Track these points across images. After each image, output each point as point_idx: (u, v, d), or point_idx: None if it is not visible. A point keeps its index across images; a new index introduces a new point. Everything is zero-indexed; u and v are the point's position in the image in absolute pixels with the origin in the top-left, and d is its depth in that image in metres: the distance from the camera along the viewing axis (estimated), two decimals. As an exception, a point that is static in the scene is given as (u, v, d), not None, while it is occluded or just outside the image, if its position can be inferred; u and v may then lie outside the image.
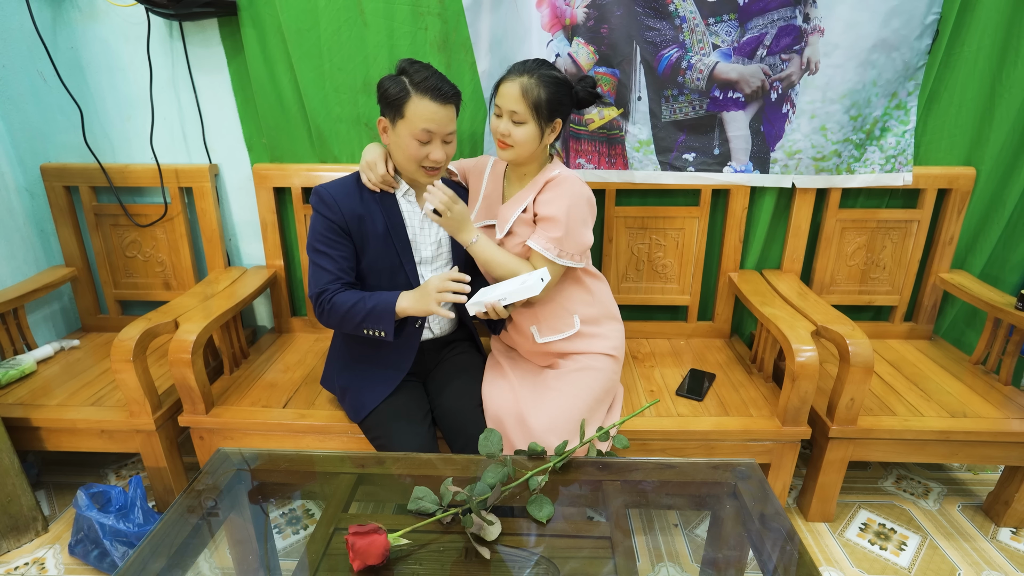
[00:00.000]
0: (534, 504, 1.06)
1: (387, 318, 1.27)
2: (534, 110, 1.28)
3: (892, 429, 1.49)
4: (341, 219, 1.33)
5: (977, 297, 1.70)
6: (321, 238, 1.34)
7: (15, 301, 1.74)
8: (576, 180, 1.36)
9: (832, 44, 1.58)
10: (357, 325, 1.30)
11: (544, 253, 1.31)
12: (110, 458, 1.91)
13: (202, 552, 1.04)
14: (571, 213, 1.31)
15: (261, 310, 2.11)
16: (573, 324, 1.43)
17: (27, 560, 1.51)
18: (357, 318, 1.29)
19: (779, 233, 1.88)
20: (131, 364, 1.42)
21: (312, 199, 1.36)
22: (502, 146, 1.33)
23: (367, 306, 1.28)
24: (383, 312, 1.27)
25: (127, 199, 1.90)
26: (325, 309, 1.31)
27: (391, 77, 1.29)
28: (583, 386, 1.38)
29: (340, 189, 1.36)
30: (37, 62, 1.75)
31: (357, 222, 1.35)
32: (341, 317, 1.30)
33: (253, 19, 1.67)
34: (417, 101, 1.25)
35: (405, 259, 1.40)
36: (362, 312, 1.28)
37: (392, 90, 1.26)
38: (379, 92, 1.30)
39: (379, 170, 1.35)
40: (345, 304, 1.29)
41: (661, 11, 1.59)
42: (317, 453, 1.27)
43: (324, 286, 1.32)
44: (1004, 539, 1.59)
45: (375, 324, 1.28)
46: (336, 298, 1.30)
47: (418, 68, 1.27)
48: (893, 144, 1.72)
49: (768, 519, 1.06)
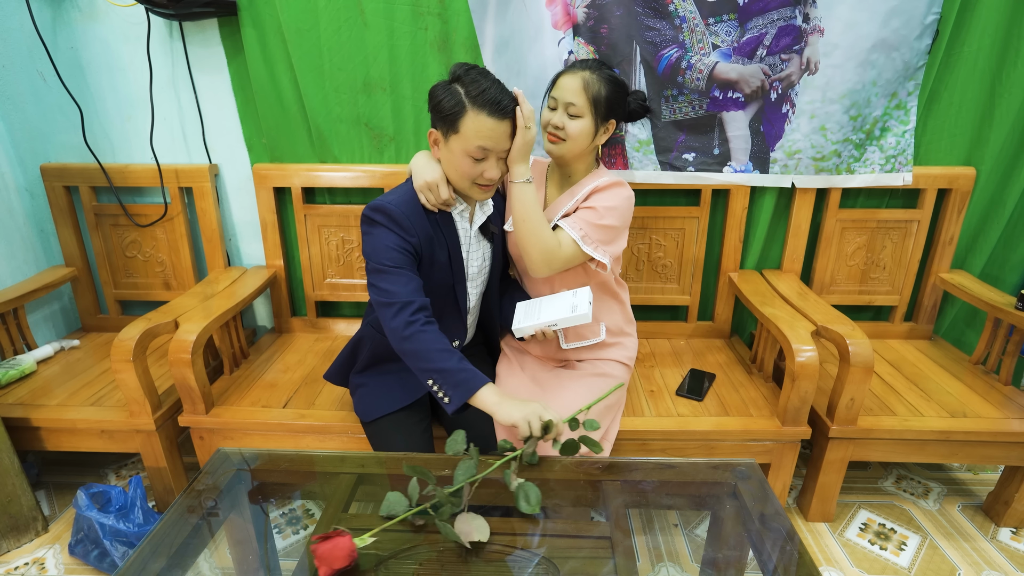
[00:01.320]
0: (520, 495, 1.02)
1: (461, 393, 1.15)
2: (593, 105, 1.25)
3: (892, 429, 1.49)
4: (417, 241, 1.23)
5: (977, 297, 1.70)
6: (396, 258, 1.20)
7: (15, 301, 1.74)
8: (626, 185, 1.33)
9: (832, 44, 1.58)
10: (428, 370, 1.16)
11: (570, 232, 1.27)
12: (110, 458, 1.91)
13: (202, 552, 1.04)
14: (614, 208, 1.28)
15: (261, 310, 2.11)
16: (599, 332, 1.43)
17: (27, 560, 1.51)
18: (431, 366, 1.15)
19: (779, 233, 1.88)
20: (131, 364, 1.42)
21: (380, 216, 1.21)
22: (553, 139, 1.30)
23: (449, 365, 1.15)
24: (461, 385, 1.15)
25: (127, 199, 1.90)
26: (413, 330, 1.16)
27: (444, 86, 1.17)
28: (598, 391, 1.35)
29: (410, 207, 1.24)
30: (37, 62, 1.75)
31: (429, 245, 1.26)
32: (419, 351, 1.16)
33: (253, 19, 1.67)
34: (473, 116, 1.14)
35: (458, 280, 1.34)
36: (441, 369, 1.15)
37: (446, 103, 1.15)
38: (431, 102, 1.19)
39: (443, 195, 1.25)
40: (430, 346, 1.16)
41: (661, 11, 1.59)
42: (317, 453, 1.27)
43: (417, 302, 1.18)
44: (1004, 539, 1.59)
45: (448, 388, 1.16)
46: (425, 332, 1.16)
47: (474, 77, 1.15)
48: (893, 144, 1.72)
49: (768, 519, 1.06)
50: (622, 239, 1.35)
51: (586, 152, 1.33)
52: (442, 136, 1.21)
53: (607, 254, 1.30)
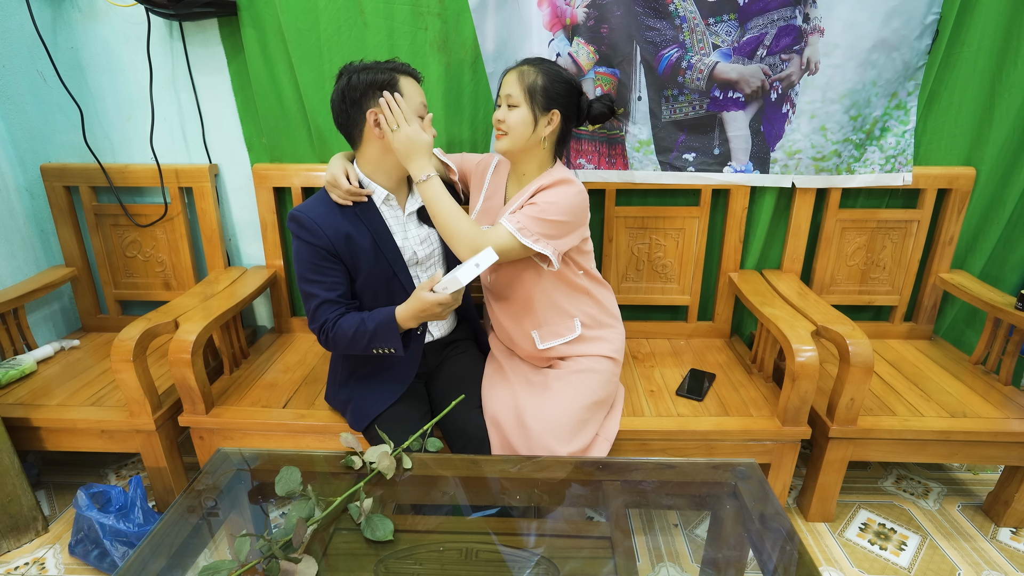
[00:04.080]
0: (367, 526, 1.02)
1: (392, 334, 1.26)
2: (528, 94, 1.28)
3: (892, 429, 1.49)
4: (327, 243, 1.27)
5: (977, 297, 1.70)
6: (309, 267, 1.28)
7: (15, 301, 1.74)
8: (574, 182, 1.32)
9: (832, 44, 1.58)
10: (365, 347, 1.29)
11: (507, 225, 1.26)
12: (110, 458, 1.91)
13: (202, 552, 1.04)
14: (554, 203, 1.27)
15: (261, 310, 2.11)
16: (574, 328, 1.43)
17: (27, 560, 1.51)
18: (363, 341, 1.28)
19: (779, 233, 1.88)
20: (131, 364, 1.42)
21: (290, 225, 1.28)
22: (498, 135, 1.32)
23: (369, 328, 1.26)
24: (387, 330, 1.26)
25: (127, 199, 1.90)
26: (329, 338, 1.29)
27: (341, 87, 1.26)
28: (583, 388, 1.37)
29: (318, 208, 1.29)
30: (37, 62, 1.75)
31: (344, 241, 1.29)
32: (347, 344, 1.29)
33: (253, 19, 1.67)
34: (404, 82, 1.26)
35: (398, 268, 1.36)
36: (366, 335, 1.27)
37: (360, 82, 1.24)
38: (344, 105, 1.26)
39: (343, 185, 1.29)
40: (347, 331, 1.27)
41: (661, 11, 1.59)
42: (317, 453, 1.27)
43: (322, 317, 1.29)
44: (1004, 539, 1.59)
45: (383, 343, 1.28)
46: (337, 327, 1.28)
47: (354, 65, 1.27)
48: (893, 144, 1.72)
49: (768, 519, 1.07)
50: (572, 235, 1.33)
51: (533, 146, 1.33)
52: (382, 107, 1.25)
53: (550, 247, 1.27)
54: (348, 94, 1.25)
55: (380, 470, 1.12)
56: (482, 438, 1.34)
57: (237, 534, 0.94)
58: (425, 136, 1.25)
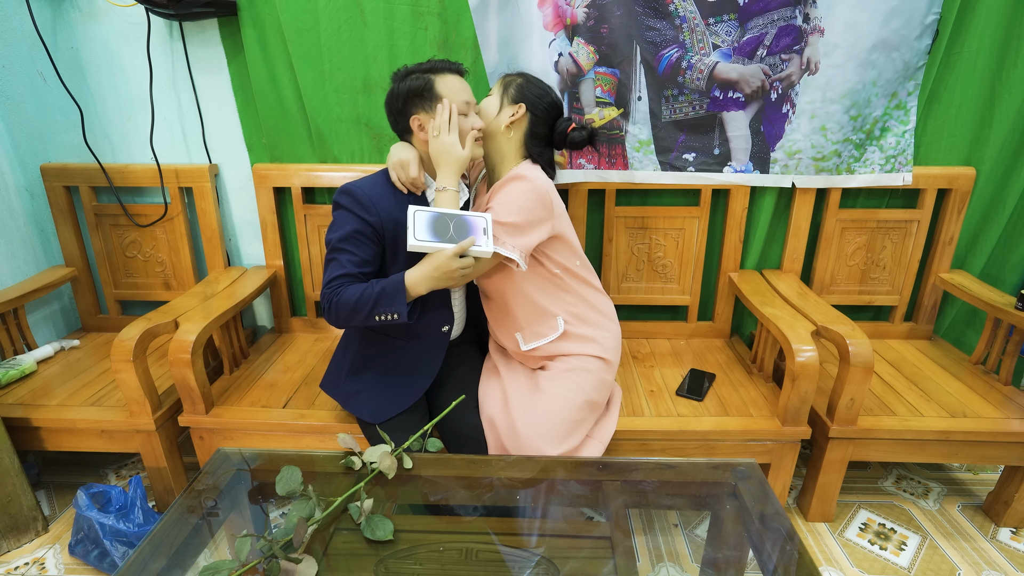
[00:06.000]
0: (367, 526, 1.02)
1: (400, 297, 1.22)
2: (503, 87, 1.36)
3: (892, 429, 1.49)
4: (378, 223, 1.27)
5: (977, 297, 1.70)
6: (349, 237, 1.26)
7: (15, 301, 1.74)
8: (525, 179, 1.30)
9: (832, 44, 1.58)
10: (368, 314, 1.23)
11: None
12: (110, 458, 1.91)
13: (202, 552, 1.04)
14: (505, 203, 1.28)
15: (261, 310, 2.11)
16: (557, 327, 1.41)
17: (27, 560, 1.51)
18: (367, 305, 1.22)
19: (779, 233, 1.88)
20: (131, 364, 1.42)
21: (343, 198, 1.28)
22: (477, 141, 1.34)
23: (375, 290, 1.22)
24: (394, 292, 1.22)
25: (127, 199, 1.90)
26: (333, 303, 1.24)
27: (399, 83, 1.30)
28: (573, 388, 1.35)
29: (376, 189, 1.29)
30: (37, 62, 1.75)
31: (394, 226, 1.28)
32: (351, 310, 1.23)
33: (253, 19, 1.67)
34: (442, 80, 1.28)
35: None
36: (371, 298, 1.22)
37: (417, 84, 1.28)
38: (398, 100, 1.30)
39: (412, 172, 1.30)
40: (353, 295, 1.22)
41: (661, 11, 1.59)
42: (317, 453, 1.27)
43: (334, 279, 1.25)
44: (1004, 539, 1.59)
45: (387, 307, 1.22)
46: (344, 291, 1.23)
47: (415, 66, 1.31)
48: (893, 144, 1.72)
49: (768, 519, 1.07)
50: (534, 233, 1.30)
51: (495, 133, 1.36)
52: (424, 112, 1.29)
53: (515, 248, 1.26)
54: (392, 104, 1.32)
55: (382, 470, 1.12)
56: (478, 439, 1.34)
57: (237, 534, 0.94)
58: (459, 151, 1.27)
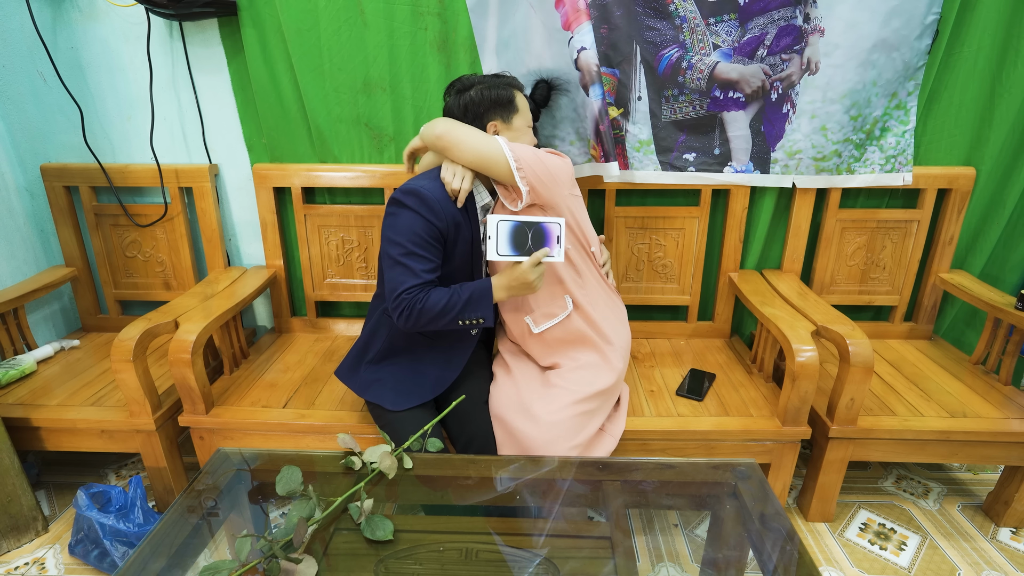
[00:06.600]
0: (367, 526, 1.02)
1: (485, 303, 1.29)
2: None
3: (892, 429, 1.49)
4: (445, 226, 1.29)
5: (977, 297, 1.70)
6: (418, 242, 1.27)
7: (15, 301, 1.74)
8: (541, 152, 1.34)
9: (832, 44, 1.58)
10: (453, 318, 1.28)
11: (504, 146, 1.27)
12: (110, 458, 1.91)
13: (202, 552, 1.04)
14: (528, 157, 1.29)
15: (261, 310, 2.11)
16: (566, 305, 1.41)
17: (27, 560, 1.51)
18: (454, 310, 1.27)
19: (779, 233, 1.88)
20: (131, 364, 1.42)
21: (407, 199, 1.28)
22: None
23: (463, 297, 1.28)
24: (481, 299, 1.29)
25: (127, 199, 1.90)
26: (416, 310, 1.25)
27: (480, 90, 1.34)
28: (585, 382, 1.37)
29: (440, 192, 1.30)
30: (37, 62, 1.75)
31: (455, 229, 1.32)
32: (435, 315, 1.26)
33: (253, 19, 1.67)
34: (519, 96, 1.37)
35: (477, 267, 1.42)
36: (458, 303, 1.27)
37: (501, 93, 1.34)
38: (482, 104, 1.34)
39: (467, 185, 1.31)
40: (439, 301, 1.26)
41: (661, 11, 1.59)
42: (317, 453, 1.27)
43: (412, 287, 1.26)
44: (1004, 539, 1.59)
45: (474, 312, 1.29)
46: (428, 298, 1.26)
47: (484, 76, 1.38)
48: (893, 144, 1.72)
49: (768, 519, 1.07)
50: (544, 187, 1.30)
51: None
52: (502, 121, 1.35)
53: (524, 178, 1.28)
54: (471, 108, 1.34)
55: (382, 470, 1.12)
56: (487, 436, 1.35)
57: (237, 534, 0.94)
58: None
